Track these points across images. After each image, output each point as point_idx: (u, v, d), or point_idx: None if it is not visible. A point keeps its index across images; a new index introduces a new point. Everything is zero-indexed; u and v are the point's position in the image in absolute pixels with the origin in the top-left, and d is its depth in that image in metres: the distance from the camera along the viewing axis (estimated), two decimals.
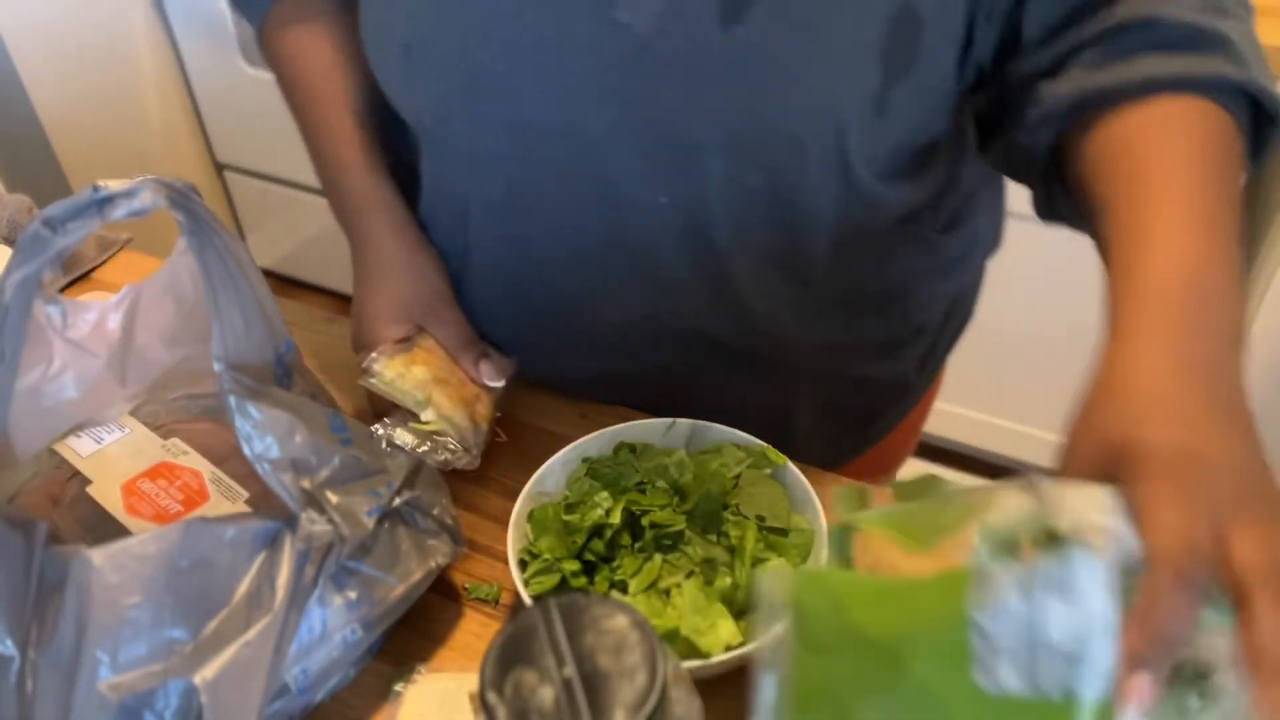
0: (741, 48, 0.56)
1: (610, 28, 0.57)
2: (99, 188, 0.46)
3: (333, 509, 0.53)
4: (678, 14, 0.56)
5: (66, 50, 1.84)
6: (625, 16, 0.57)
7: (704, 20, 0.56)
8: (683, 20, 0.56)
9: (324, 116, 0.74)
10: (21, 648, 0.47)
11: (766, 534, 0.62)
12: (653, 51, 0.57)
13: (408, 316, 0.71)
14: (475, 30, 0.60)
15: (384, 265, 0.72)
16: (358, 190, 0.73)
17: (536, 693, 0.31)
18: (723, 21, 0.56)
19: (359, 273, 0.73)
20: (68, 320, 0.64)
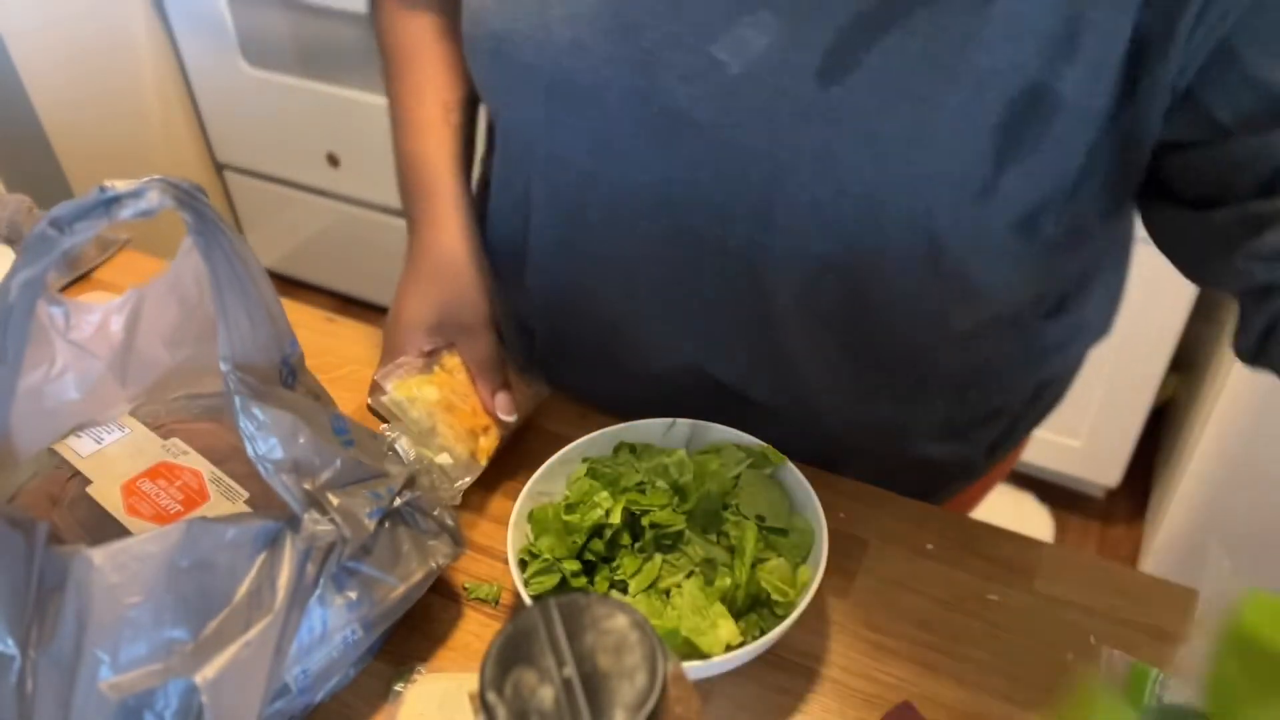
0: (835, 108, 0.53)
1: (706, 62, 0.55)
2: (106, 188, 0.46)
3: (334, 510, 0.53)
4: (776, 63, 0.54)
5: (66, 50, 1.84)
6: (723, 54, 0.55)
7: (802, 74, 0.54)
8: (780, 70, 0.54)
9: (412, 105, 0.72)
10: (22, 647, 0.47)
11: (766, 534, 0.62)
12: (744, 95, 0.55)
13: (440, 329, 0.69)
14: (567, 37, 0.58)
15: (433, 272, 0.70)
16: (430, 187, 0.70)
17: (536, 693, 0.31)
18: (821, 79, 0.53)
19: (408, 272, 0.71)
20: (70, 321, 0.64)
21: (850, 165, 0.55)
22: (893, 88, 0.53)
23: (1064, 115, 0.53)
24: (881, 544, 0.68)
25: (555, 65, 0.59)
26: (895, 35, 0.52)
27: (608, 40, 0.57)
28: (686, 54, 0.56)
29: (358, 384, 0.81)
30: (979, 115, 0.53)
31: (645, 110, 0.58)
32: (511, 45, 0.60)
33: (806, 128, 0.55)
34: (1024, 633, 0.62)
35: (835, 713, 0.58)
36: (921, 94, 0.52)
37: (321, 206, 2.15)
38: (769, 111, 0.55)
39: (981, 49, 0.51)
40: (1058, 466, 1.78)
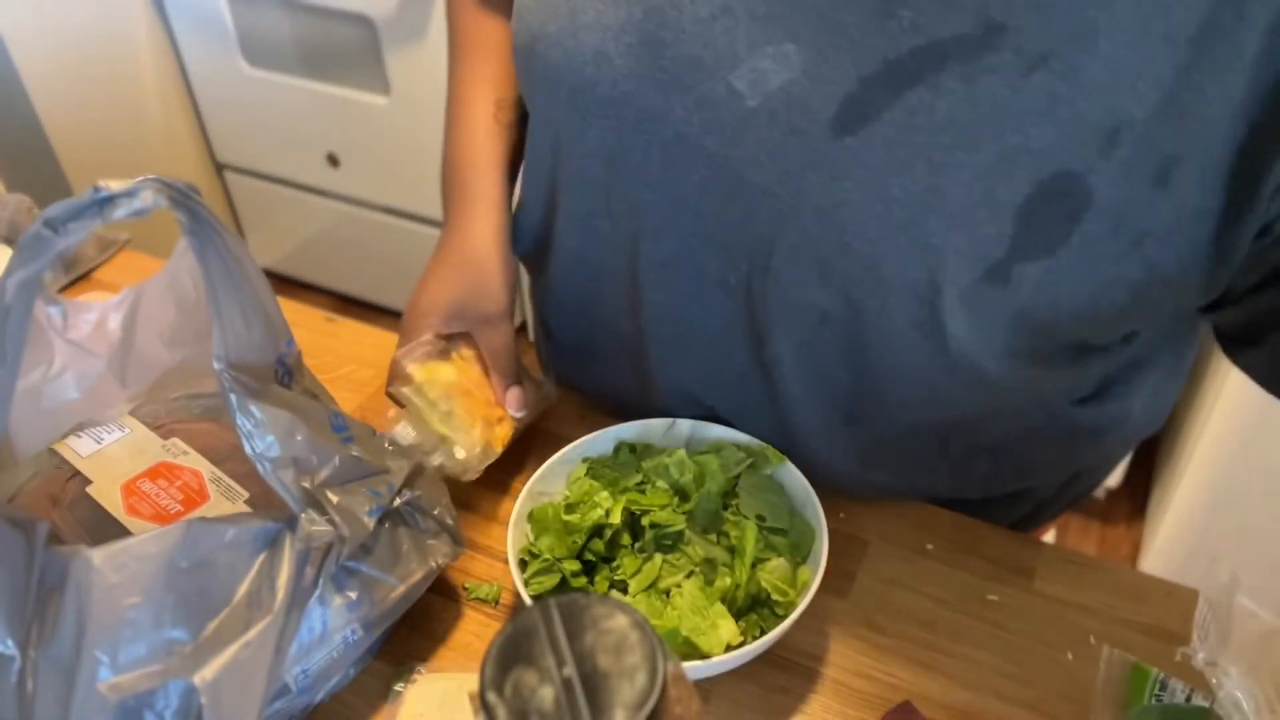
0: (845, 159, 0.51)
1: (724, 90, 0.54)
2: (100, 188, 0.46)
3: (333, 509, 0.53)
4: (792, 102, 0.52)
5: (66, 50, 1.84)
6: (741, 85, 0.53)
7: (816, 119, 0.51)
8: (794, 111, 0.52)
9: (466, 99, 0.72)
10: (22, 648, 0.47)
11: (766, 534, 0.62)
12: (756, 130, 0.53)
13: (459, 318, 0.69)
14: (592, 46, 0.57)
15: (459, 262, 0.70)
16: (469, 181, 0.71)
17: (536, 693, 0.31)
18: (835, 127, 0.51)
19: (434, 260, 0.71)
20: (68, 321, 0.64)
21: (855, 220, 0.53)
22: (909, 148, 0.50)
23: (1095, 216, 0.49)
24: (881, 544, 0.68)
25: (579, 73, 0.58)
26: (921, 93, 0.49)
27: (630, 55, 0.56)
28: (705, 79, 0.54)
29: (358, 384, 0.81)
30: (1000, 193, 0.49)
31: (659, 131, 0.57)
32: (544, 45, 0.60)
33: (814, 174, 0.53)
34: (1024, 633, 0.62)
35: (835, 713, 0.58)
36: (939, 160, 0.49)
37: (321, 206, 2.15)
38: (779, 152, 0.53)
39: (1012, 123, 0.48)
40: None
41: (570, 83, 0.59)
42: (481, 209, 0.70)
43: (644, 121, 0.57)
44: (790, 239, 0.55)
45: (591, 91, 0.58)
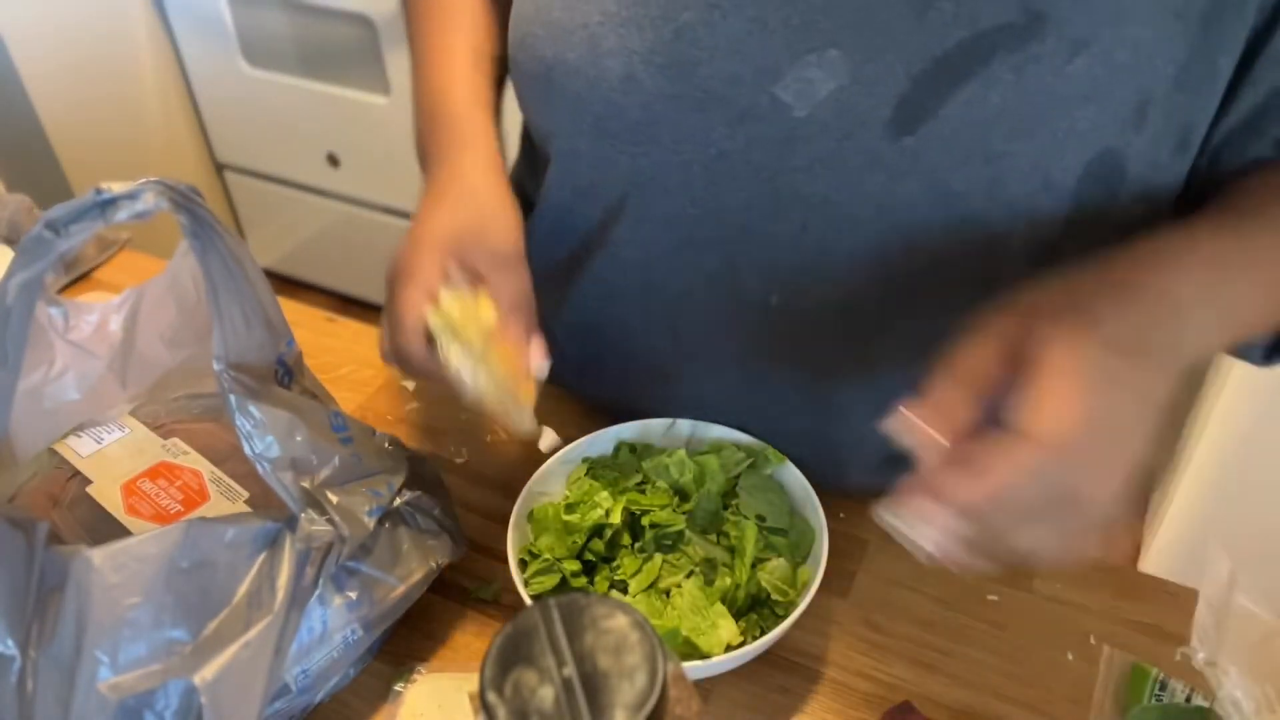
0: (906, 159, 0.51)
1: (768, 103, 0.53)
2: (101, 190, 0.46)
3: (333, 509, 0.53)
4: (844, 108, 0.51)
5: (66, 50, 1.84)
6: (787, 96, 0.52)
7: (871, 122, 0.51)
8: (847, 116, 0.51)
9: (438, 44, 0.65)
10: (22, 648, 0.47)
11: (766, 534, 0.62)
12: (807, 140, 0.53)
13: (467, 251, 0.57)
14: (619, 70, 0.55)
15: (459, 194, 0.59)
16: (459, 116, 0.62)
17: (536, 693, 0.31)
18: (892, 127, 0.51)
19: (429, 194, 0.60)
20: (69, 322, 0.64)
21: (920, 219, 0.53)
22: (968, 141, 0.50)
23: (1130, 189, 0.51)
24: (881, 544, 0.68)
25: (605, 100, 0.57)
26: (973, 86, 0.49)
27: (662, 76, 0.54)
28: (747, 93, 0.53)
29: (358, 384, 0.81)
30: (1056, 176, 0.51)
31: (700, 150, 0.56)
32: (561, 74, 0.58)
33: (874, 177, 0.52)
34: (1024, 633, 0.62)
35: (835, 713, 0.58)
36: (998, 150, 0.50)
37: (321, 206, 2.15)
38: (834, 159, 0.53)
39: (1060, 108, 0.49)
40: None
41: (595, 111, 0.57)
42: (479, 143, 0.61)
43: (681, 142, 0.56)
44: (847, 247, 0.55)
45: (621, 117, 0.57)
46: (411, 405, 0.79)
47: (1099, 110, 0.49)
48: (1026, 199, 0.51)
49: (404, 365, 0.58)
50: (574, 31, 0.57)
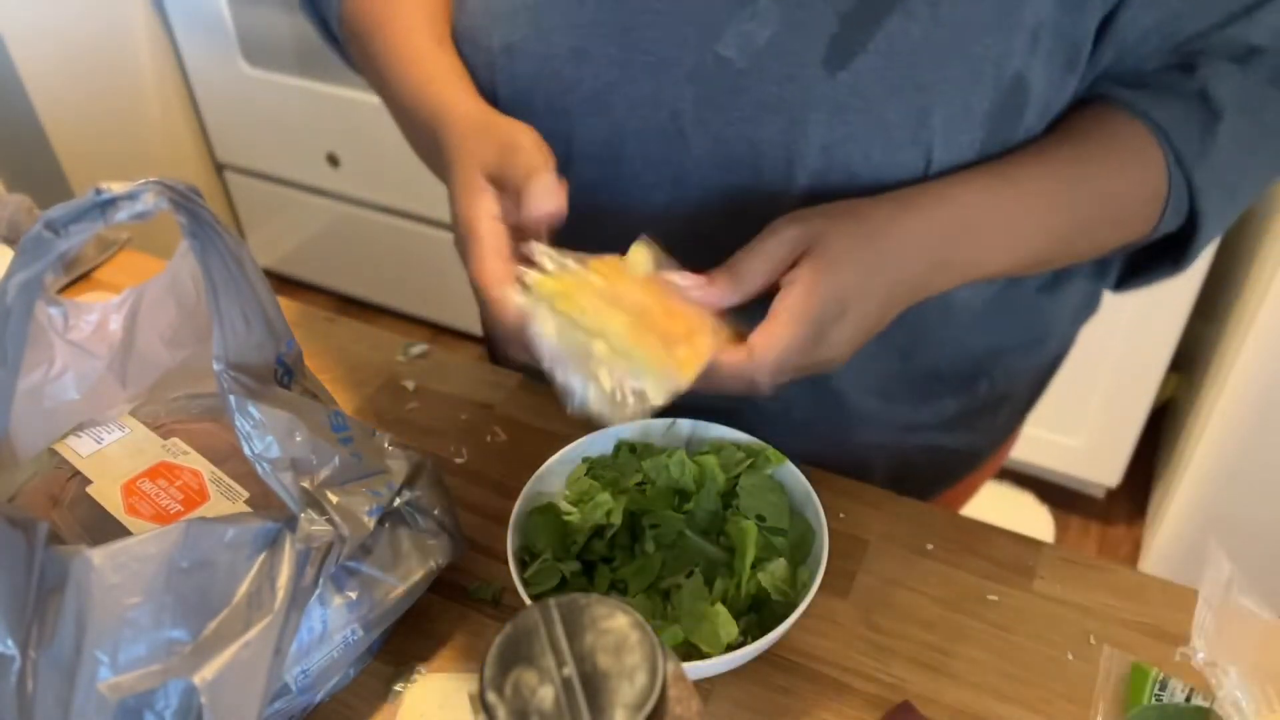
0: (842, 93, 0.54)
1: (712, 60, 0.56)
2: (101, 190, 0.46)
3: (333, 509, 0.53)
4: (781, 53, 0.55)
5: (66, 50, 1.84)
6: (729, 51, 0.55)
7: (807, 62, 0.54)
8: (785, 60, 0.55)
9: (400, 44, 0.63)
10: (22, 648, 0.47)
11: (766, 534, 0.62)
12: (751, 89, 0.56)
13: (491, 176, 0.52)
14: (567, 45, 0.58)
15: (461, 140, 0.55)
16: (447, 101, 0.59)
17: (536, 693, 0.32)
18: (827, 66, 0.54)
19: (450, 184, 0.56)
20: (69, 322, 0.64)
21: (860, 151, 0.56)
22: (896, 72, 0.54)
23: (1032, 109, 0.56)
24: (881, 544, 0.68)
25: (556, 76, 0.59)
26: (896, 20, 0.53)
27: (611, 45, 0.57)
28: (692, 53, 0.56)
29: (358, 384, 0.81)
30: (974, 101, 0.54)
31: (655, 113, 0.58)
32: (508, 58, 0.60)
33: (816, 115, 0.55)
34: (1024, 633, 0.62)
35: (835, 713, 0.58)
36: (923, 80, 0.54)
37: (321, 206, 2.15)
38: (778, 102, 0.56)
39: (972, 35, 0.53)
40: (1058, 466, 1.78)
41: (549, 87, 0.59)
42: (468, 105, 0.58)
43: (636, 108, 0.58)
44: (800, 187, 0.57)
45: (574, 91, 0.59)
46: (411, 405, 0.79)
47: (1005, 36, 0.53)
48: (950, 124, 0.55)
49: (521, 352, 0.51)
50: (518, 14, 0.59)
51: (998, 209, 0.56)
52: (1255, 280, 1.41)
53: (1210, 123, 0.58)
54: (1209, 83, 0.57)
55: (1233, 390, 1.42)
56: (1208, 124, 0.58)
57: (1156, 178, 0.59)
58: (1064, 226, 0.59)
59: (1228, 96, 0.58)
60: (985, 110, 0.55)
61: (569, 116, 0.60)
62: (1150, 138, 0.58)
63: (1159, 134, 0.58)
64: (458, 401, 0.79)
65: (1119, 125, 0.59)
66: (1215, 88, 0.57)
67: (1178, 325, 1.52)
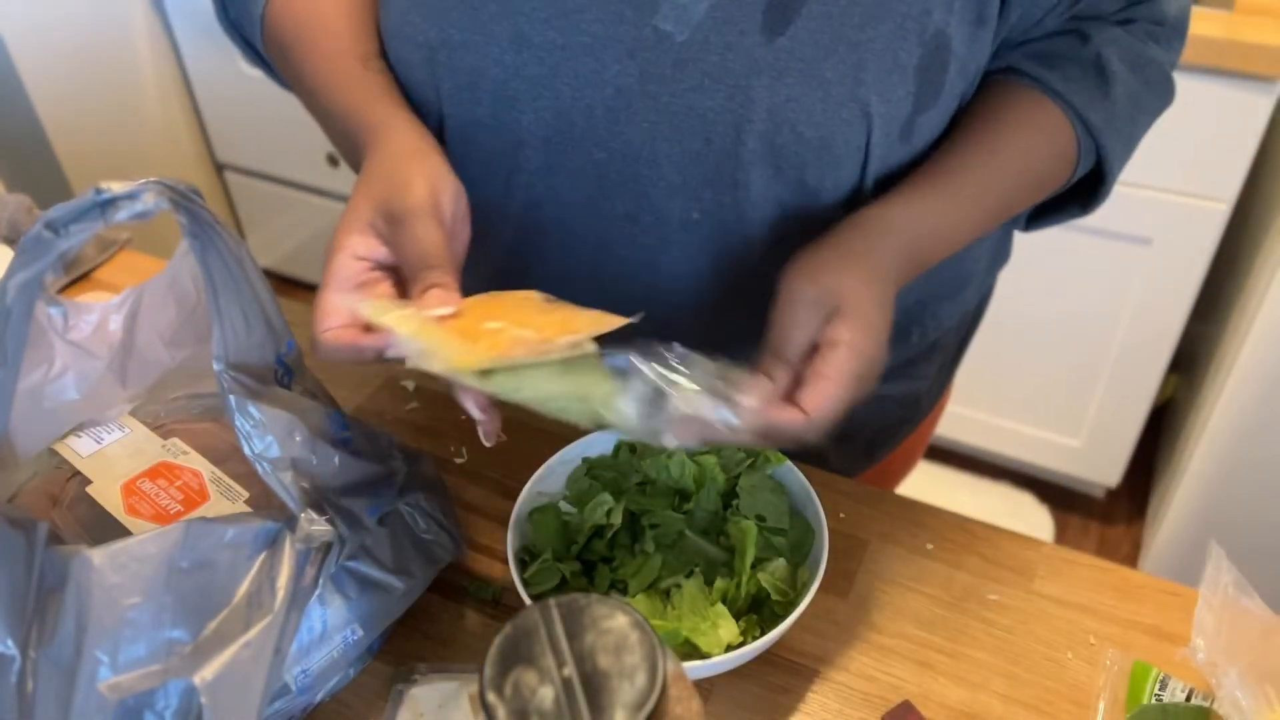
0: (782, 57, 0.56)
1: (652, 35, 0.57)
2: (101, 190, 0.46)
3: (333, 509, 0.53)
4: (720, 23, 0.56)
5: (66, 50, 1.84)
6: (667, 25, 0.57)
7: (746, 30, 0.56)
8: (724, 30, 0.56)
9: (325, 70, 0.64)
10: (22, 648, 0.47)
11: (766, 534, 0.62)
12: (693, 60, 0.57)
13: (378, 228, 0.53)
14: (507, 33, 0.59)
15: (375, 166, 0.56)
16: (371, 118, 0.60)
17: (536, 693, 0.32)
18: (765, 32, 0.56)
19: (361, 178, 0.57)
20: (69, 322, 0.64)
21: (803, 109, 0.58)
22: (830, 33, 0.56)
23: (955, 65, 0.59)
24: (881, 544, 0.68)
25: (499, 64, 0.60)
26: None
27: (551, 29, 0.58)
28: (630, 30, 0.57)
29: (358, 384, 0.81)
30: (903, 57, 0.57)
31: (599, 91, 0.59)
32: (448, 52, 0.60)
33: (759, 81, 0.57)
34: (1024, 633, 0.62)
35: (835, 713, 0.58)
36: (855, 38, 0.56)
37: (321, 206, 2.15)
38: (721, 71, 0.57)
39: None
40: (1058, 466, 1.78)
41: (493, 76, 0.60)
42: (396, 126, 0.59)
43: (582, 89, 0.59)
44: (752, 152, 0.59)
45: (519, 77, 0.60)
46: (411, 405, 0.79)
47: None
48: (883, 79, 0.57)
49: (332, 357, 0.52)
50: (452, 8, 0.59)
51: (947, 214, 0.62)
52: (1255, 280, 1.41)
53: (1107, 86, 0.64)
54: (1102, 49, 0.64)
55: (1233, 390, 1.42)
56: (1105, 87, 0.64)
57: (1066, 143, 0.65)
58: (997, 207, 0.65)
59: (1118, 58, 0.64)
60: (914, 65, 0.58)
61: (515, 103, 0.61)
62: (1058, 110, 0.64)
63: (1065, 106, 0.64)
64: (458, 401, 0.79)
65: (1031, 104, 0.64)
66: (1107, 52, 0.64)
67: (1178, 325, 1.52)
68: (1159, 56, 0.66)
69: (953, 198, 0.62)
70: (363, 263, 0.53)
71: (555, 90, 0.60)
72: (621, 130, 0.60)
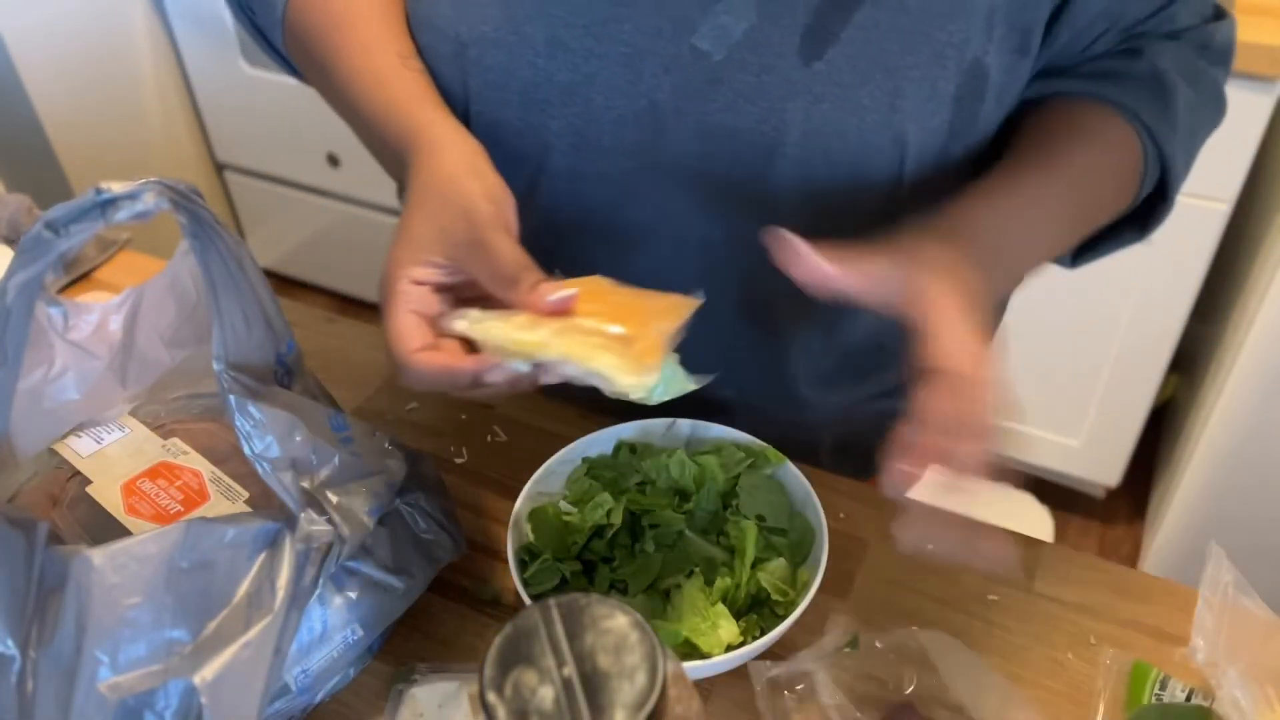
0: (818, 81, 0.56)
1: (689, 52, 0.57)
2: (102, 190, 0.46)
3: (333, 509, 0.53)
4: (757, 45, 0.56)
5: (66, 50, 1.84)
6: (704, 44, 0.57)
7: (783, 53, 0.56)
8: (761, 51, 0.56)
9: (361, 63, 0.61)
10: (22, 648, 0.47)
11: (766, 534, 0.62)
12: (728, 80, 0.57)
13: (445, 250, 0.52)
14: (541, 36, 0.58)
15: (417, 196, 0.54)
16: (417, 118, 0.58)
17: (536, 693, 0.32)
18: (802, 55, 0.56)
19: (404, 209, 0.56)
20: (69, 322, 0.64)
21: (837, 133, 0.57)
22: (868, 59, 0.56)
23: (992, 94, 0.59)
24: (881, 544, 0.68)
25: (531, 66, 0.59)
26: (865, 10, 0.55)
27: (588, 35, 0.57)
28: (668, 44, 0.57)
29: (358, 384, 0.81)
30: (941, 85, 0.57)
31: (632, 103, 0.59)
32: (479, 50, 0.59)
33: (794, 104, 0.57)
34: (1024, 633, 0.62)
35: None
36: (893, 65, 0.56)
37: (321, 206, 2.15)
38: (755, 93, 0.57)
39: (935, 23, 0.56)
40: (1058, 466, 1.78)
41: (523, 77, 0.59)
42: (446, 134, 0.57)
43: (613, 99, 0.59)
44: (782, 176, 0.59)
45: (549, 83, 0.59)
46: (411, 405, 0.79)
47: (965, 22, 0.56)
48: (920, 107, 0.57)
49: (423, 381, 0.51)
50: (488, 5, 0.59)
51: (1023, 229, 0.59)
52: (1255, 280, 1.41)
53: (1167, 96, 0.63)
54: (1156, 61, 0.63)
55: (1233, 390, 1.42)
56: (1166, 98, 0.63)
57: (1133, 156, 0.63)
58: (1074, 227, 0.64)
59: (1173, 69, 0.63)
60: (951, 93, 0.57)
61: (545, 106, 0.60)
62: (1123, 121, 0.63)
63: (1130, 115, 0.62)
64: (458, 401, 0.79)
65: (1099, 119, 0.63)
66: (1162, 64, 0.63)
67: (1178, 325, 1.52)
68: (1211, 71, 0.65)
69: (1031, 218, 0.60)
70: (424, 286, 0.52)
71: (587, 98, 0.59)
72: (651, 144, 0.60)
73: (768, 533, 0.62)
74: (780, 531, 0.62)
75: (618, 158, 0.61)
